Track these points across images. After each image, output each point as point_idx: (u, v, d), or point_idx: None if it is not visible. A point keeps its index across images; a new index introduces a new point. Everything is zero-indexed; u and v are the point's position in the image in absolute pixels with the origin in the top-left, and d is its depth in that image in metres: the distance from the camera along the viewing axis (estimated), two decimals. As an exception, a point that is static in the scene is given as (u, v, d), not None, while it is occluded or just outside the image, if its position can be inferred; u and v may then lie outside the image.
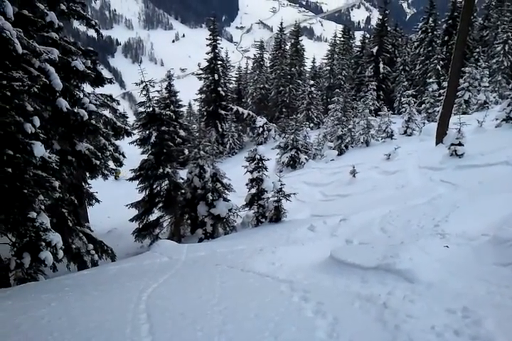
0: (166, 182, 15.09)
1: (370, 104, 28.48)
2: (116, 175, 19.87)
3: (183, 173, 16.00)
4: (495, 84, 33.08)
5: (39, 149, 8.76)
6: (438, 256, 5.36)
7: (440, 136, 15.09)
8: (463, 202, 7.94)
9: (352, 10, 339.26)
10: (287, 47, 48.33)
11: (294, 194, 12.55)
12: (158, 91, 18.90)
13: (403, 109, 26.16)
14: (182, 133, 25.76)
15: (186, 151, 17.37)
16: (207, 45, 39.63)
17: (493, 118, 16.65)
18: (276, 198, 12.32)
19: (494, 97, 27.34)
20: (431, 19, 40.59)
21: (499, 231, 5.59)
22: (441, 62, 36.16)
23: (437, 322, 3.86)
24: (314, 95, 39.85)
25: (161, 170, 14.68)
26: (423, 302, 4.29)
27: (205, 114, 40.45)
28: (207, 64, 40.18)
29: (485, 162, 11.14)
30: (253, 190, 13.03)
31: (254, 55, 53.12)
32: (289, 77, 45.08)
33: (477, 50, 34.00)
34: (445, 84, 19.13)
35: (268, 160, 13.61)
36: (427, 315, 4.03)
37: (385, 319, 4.10)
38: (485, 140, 14.23)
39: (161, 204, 15.45)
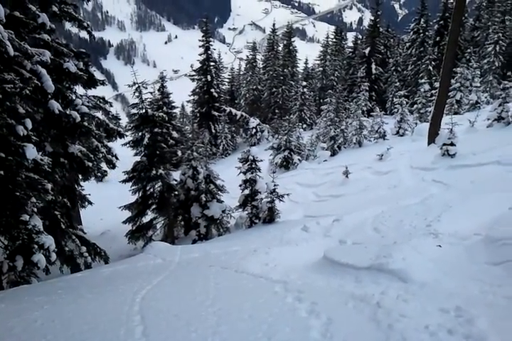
0: (159, 183, 15.08)
1: (363, 104, 28.56)
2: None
3: (176, 175, 15.98)
4: (486, 85, 33.33)
5: (31, 151, 8.73)
6: (431, 255, 5.38)
7: (432, 136, 15.13)
8: (455, 201, 7.95)
9: (344, 11, 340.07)
10: (280, 48, 48.27)
11: (288, 195, 12.56)
12: (150, 93, 18.86)
13: (395, 110, 26.28)
14: (175, 134, 25.59)
15: (179, 153, 17.36)
16: (199, 47, 39.62)
17: (484, 118, 16.73)
18: (269, 199, 12.33)
19: (486, 97, 27.49)
20: (422, 20, 40.75)
21: (491, 231, 5.61)
22: (432, 62, 36.31)
23: (431, 322, 3.88)
24: (307, 96, 39.88)
25: (154, 172, 14.66)
26: (416, 302, 4.31)
27: (198, 115, 40.40)
28: (199, 65, 40.15)
29: (477, 162, 11.17)
30: (246, 191, 13.03)
31: (247, 56, 53.06)
32: (281, 78, 45.11)
33: (468, 50, 34.18)
34: (437, 84, 19.20)
35: (261, 161, 13.61)
36: (421, 315, 4.05)
37: (378, 318, 4.12)
38: (477, 140, 14.30)
39: (154, 206, 15.43)
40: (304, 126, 36.70)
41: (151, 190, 15.23)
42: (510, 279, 4.41)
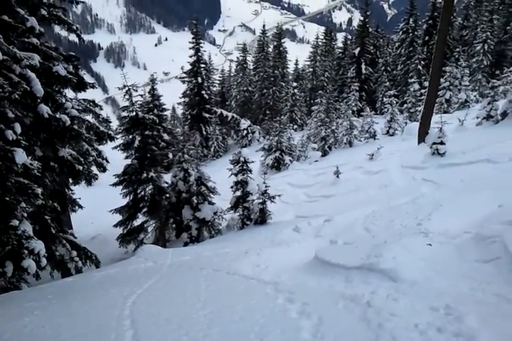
0: (150, 186, 15.03)
1: (353, 104, 28.72)
2: None
3: (167, 177, 15.94)
4: (475, 83, 33.59)
5: (21, 156, 8.67)
6: (421, 254, 5.39)
7: (422, 135, 15.19)
8: (445, 200, 7.97)
9: (333, 12, 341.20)
10: (270, 49, 48.28)
11: (279, 196, 12.59)
12: (141, 96, 18.89)
13: (385, 109, 26.33)
14: (166, 137, 25.50)
15: (170, 155, 17.33)
16: (190, 49, 39.55)
17: (473, 117, 16.81)
18: (261, 200, 12.35)
19: (475, 96, 27.67)
20: (411, 20, 40.96)
21: (481, 229, 5.65)
22: (422, 62, 36.52)
23: (420, 320, 3.90)
24: (297, 97, 39.98)
25: (145, 175, 14.62)
26: (406, 301, 4.32)
27: (189, 117, 40.28)
28: (190, 67, 40.07)
29: (466, 160, 11.19)
30: (238, 193, 13.05)
31: (237, 58, 53.03)
32: (272, 79, 45.10)
33: (457, 49, 34.43)
34: (426, 83, 19.29)
35: (252, 162, 13.65)
36: (411, 313, 4.06)
37: (368, 318, 4.14)
38: (466, 138, 14.37)
39: (145, 209, 15.38)
40: (295, 126, 36.71)
41: (142, 193, 15.17)
42: (499, 276, 4.43)
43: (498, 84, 17.34)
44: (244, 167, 13.03)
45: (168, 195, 14.92)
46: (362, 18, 43.63)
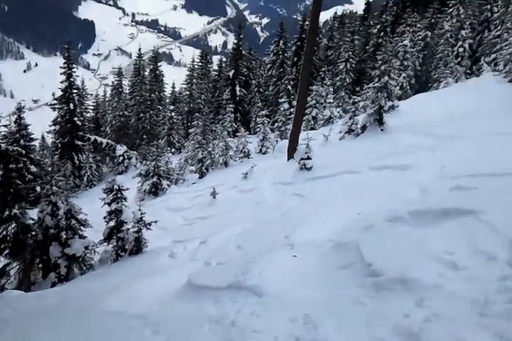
0: (14, 225, 13.66)
1: (228, 126, 29.22)
2: None
3: (33, 213, 14.64)
4: (339, 100, 36.00)
5: None
6: (286, 266, 5.53)
7: (291, 151, 15.68)
8: (311, 212, 8.24)
9: (209, 35, 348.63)
10: (146, 73, 47.60)
11: (156, 222, 12.19)
12: (5, 126, 17.34)
13: (258, 129, 27.07)
14: (33, 169, 23.80)
15: (38, 188, 16.00)
16: (61, 74, 37.48)
17: (337, 132, 17.86)
18: (136, 228, 11.84)
19: (338, 112, 29.25)
20: (281, 42, 42.89)
21: (341, 236, 5.94)
22: (291, 82, 38.43)
23: (281, 333, 4.03)
24: (175, 120, 39.78)
25: (7, 213, 13.21)
26: (269, 315, 4.42)
27: (59, 146, 37.84)
28: (61, 93, 37.89)
29: (330, 172, 11.68)
30: (112, 223, 12.36)
31: (113, 82, 51.54)
32: (148, 103, 44.47)
33: (323, 69, 36.37)
34: (295, 102, 20.21)
35: (128, 189, 13.11)
36: (272, 327, 4.17)
37: (231, 338, 4.17)
38: (330, 152, 15.14)
39: (7, 251, 13.86)
40: (173, 150, 36.39)
41: (4, 232, 13.70)
42: (354, 280, 4.65)
43: (358, 99, 18.55)
44: (119, 195, 12.45)
45: (34, 233, 13.64)
46: (236, 41, 44.94)
